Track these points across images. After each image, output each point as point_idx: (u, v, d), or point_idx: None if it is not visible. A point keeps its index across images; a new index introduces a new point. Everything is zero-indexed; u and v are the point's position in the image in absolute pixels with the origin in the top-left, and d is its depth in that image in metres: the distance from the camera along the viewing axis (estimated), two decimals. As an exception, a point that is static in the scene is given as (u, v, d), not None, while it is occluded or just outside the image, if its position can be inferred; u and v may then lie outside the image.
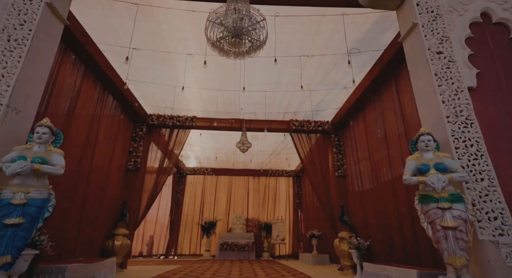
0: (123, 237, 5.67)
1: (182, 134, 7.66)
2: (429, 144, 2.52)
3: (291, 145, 9.09)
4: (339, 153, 7.31)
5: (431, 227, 2.29)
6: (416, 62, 2.87)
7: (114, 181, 6.02)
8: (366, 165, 5.95)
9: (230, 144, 9.32)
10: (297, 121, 7.46)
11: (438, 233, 2.20)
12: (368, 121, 5.89)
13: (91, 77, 5.01)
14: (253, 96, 6.50)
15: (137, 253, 10.95)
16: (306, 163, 7.57)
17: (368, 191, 5.80)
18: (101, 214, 5.45)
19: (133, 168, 6.76)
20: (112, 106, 5.90)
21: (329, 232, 8.26)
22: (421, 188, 2.43)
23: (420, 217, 2.33)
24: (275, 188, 12.65)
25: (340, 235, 5.94)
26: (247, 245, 10.29)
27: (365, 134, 6.02)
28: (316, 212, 9.74)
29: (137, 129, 7.15)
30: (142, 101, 6.74)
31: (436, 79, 2.64)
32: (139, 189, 6.87)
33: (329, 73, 5.56)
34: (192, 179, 12.60)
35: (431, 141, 2.54)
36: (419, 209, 2.35)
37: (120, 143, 6.33)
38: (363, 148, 6.11)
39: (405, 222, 4.43)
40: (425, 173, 2.37)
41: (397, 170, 4.74)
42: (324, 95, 6.42)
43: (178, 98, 6.61)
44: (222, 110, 7.06)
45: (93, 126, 5.11)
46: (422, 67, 2.74)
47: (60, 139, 2.73)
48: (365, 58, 5.04)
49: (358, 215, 6.22)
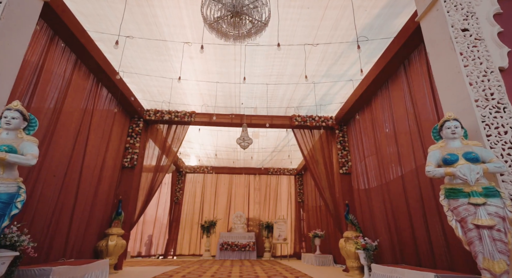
0: (118, 237, 5.39)
1: (181, 130, 7.38)
2: (456, 130, 2.21)
3: (293, 142, 8.81)
4: (344, 149, 7.02)
5: (461, 225, 1.97)
6: (437, 42, 2.56)
7: (108, 178, 5.74)
8: (373, 161, 5.66)
9: (230, 141, 9.04)
10: (299, 117, 7.17)
11: (470, 233, 1.90)
12: (375, 115, 5.59)
13: (83, 68, 4.73)
14: (254, 90, 6.21)
15: (135, 253, 10.69)
16: (309, 160, 7.27)
17: (375, 189, 5.50)
18: (94, 212, 5.17)
19: (129, 165, 6.48)
20: (106, 100, 5.62)
21: (333, 231, 7.97)
22: (448, 180, 2.11)
23: (447, 214, 2.03)
24: (276, 186, 12.36)
25: (346, 234, 5.65)
26: (248, 245, 10.01)
27: (372, 129, 5.73)
28: (319, 211, 9.45)
29: (133, 125, 6.88)
30: (139, 96, 6.47)
31: (462, 59, 2.34)
32: (136, 187, 6.59)
33: (334, 64, 5.26)
34: (191, 177, 12.32)
35: (458, 127, 2.23)
36: (445, 205, 2.04)
37: (115, 139, 6.05)
38: (370, 143, 5.81)
39: (417, 221, 4.14)
40: (452, 163, 2.06)
41: (407, 166, 4.44)
42: (328, 89, 6.13)
43: (176, 92, 6.32)
44: (221, 104, 6.77)
45: (85, 120, 4.83)
46: (445, 47, 2.43)
47: (34, 125, 2.42)
48: (373, 47, 4.75)
49: (364, 214, 5.92)
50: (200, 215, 11.73)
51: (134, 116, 6.90)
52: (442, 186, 2.11)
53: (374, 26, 4.35)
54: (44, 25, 3.71)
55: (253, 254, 9.99)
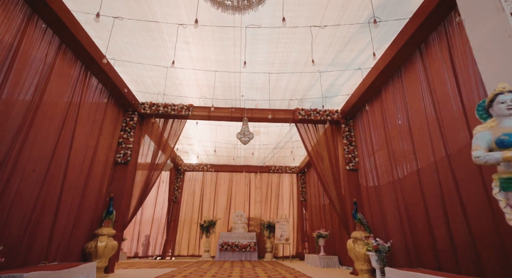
0: (109, 238, 5.00)
1: (178, 125, 6.98)
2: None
3: (296, 138, 8.41)
4: (350, 144, 6.62)
5: (525, 224, 1.57)
6: (478, 5, 2.15)
7: (99, 175, 5.35)
8: (383, 156, 5.26)
9: (230, 137, 8.64)
10: (303, 110, 6.77)
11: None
12: (386, 106, 5.19)
13: (68, 53, 4.34)
14: (255, 80, 5.80)
15: (132, 254, 10.33)
16: (314, 156, 6.87)
17: (386, 186, 5.10)
18: (83, 211, 4.78)
19: (122, 161, 6.09)
20: (96, 91, 5.23)
21: (338, 231, 7.58)
22: (505, 167, 1.67)
23: (504, 211, 1.61)
24: (278, 185, 11.97)
25: (354, 235, 5.25)
26: (248, 245, 9.62)
27: (382, 122, 5.32)
28: (323, 210, 9.05)
29: (127, 118, 6.49)
30: (132, 87, 6.07)
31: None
32: (130, 184, 6.20)
33: (342, 51, 4.86)
34: (190, 176, 11.94)
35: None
36: (501, 199, 1.63)
37: (107, 133, 5.66)
38: (380, 137, 5.41)
39: (436, 220, 3.74)
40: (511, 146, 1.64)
41: (424, 160, 4.04)
42: (335, 79, 5.72)
43: (172, 82, 5.93)
44: (221, 97, 6.37)
45: (72, 111, 4.44)
46: (490, 8, 2.02)
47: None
48: (386, 30, 4.34)
49: (374, 213, 5.52)
50: (199, 214, 11.36)
51: (128, 109, 6.52)
52: (495, 175, 1.69)
53: (388, 5, 3.94)
54: (20, 1, 3.32)
55: (254, 255, 9.61)
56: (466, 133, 3.24)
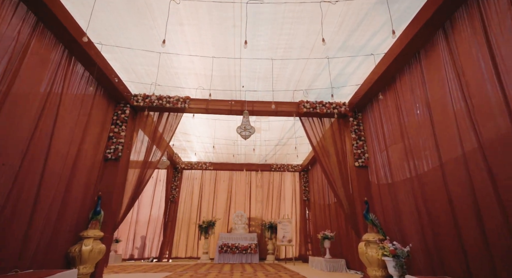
0: (95, 241, 4.53)
1: (174, 119, 6.50)
2: None
3: (300, 133, 7.93)
4: (359, 139, 6.14)
5: None
6: None
7: (86, 171, 4.88)
8: (398, 151, 4.78)
9: (230, 133, 8.17)
10: (308, 103, 6.29)
11: None
12: (402, 96, 4.71)
13: (47, 34, 3.86)
14: (256, 69, 5.32)
15: (127, 256, 9.87)
16: (320, 152, 6.39)
17: (402, 183, 4.62)
18: (66, 211, 4.30)
19: (113, 157, 5.62)
20: (83, 80, 4.75)
21: (345, 233, 7.10)
22: None
23: None
24: (280, 183, 11.49)
25: (366, 237, 4.77)
26: (249, 247, 9.14)
27: (396, 113, 4.84)
28: (328, 210, 8.58)
29: (118, 111, 6.01)
30: (124, 77, 5.59)
31: None
32: (121, 182, 5.72)
33: (354, 32, 4.37)
34: (189, 174, 11.46)
35: None
36: None
37: (95, 126, 5.19)
38: (394, 130, 4.93)
39: (465, 221, 3.26)
40: None
41: (449, 153, 3.56)
42: (344, 66, 5.24)
43: (166, 71, 5.45)
44: (219, 87, 5.89)
45: (52, 101, 3.95)
46: None
47: None
48: (404, 7, 3.85)
49: (387, 213, 5.04)
50: (197, 214, 10.88)
51: (119, 101, 6.04)
52: None
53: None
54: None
55: (255, 257, 9.13)
56: (506, 120, 2.76)
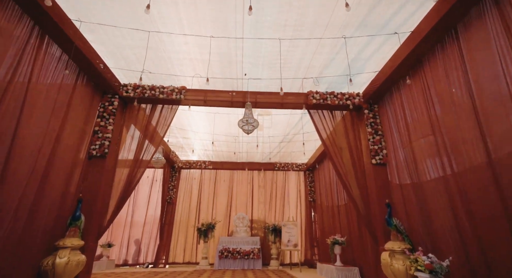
0: (73, 251, 3.86)
1: (168, 112, 5.84)
2: None
3: (307, 128, 7.26)
4: (376, 133, 5.46)
5: None
6: None
7: (64, 171, 4.21)
8: (426, 145, 4.10)
9: (231, 128, 7.50)
10: (318, 94, 5.62)
11: None
12: (432, 81, 4.03)
13: (9, 4, 3.19)
14: (261, 53, 4.65)
15: (121, 262, 9.21)
16: (331, 149, 5.72)
17: (433, 183, 3.95)
18: (36, 219, 3.63)
19: (98, 153, 4.96)
20: (59, 63, 4.09)
21: (358, 238, 6.42)
22: None
23: None
24: (283, 183, 10.81)
25: (390, 246, 4.10)
26: (252, 252, 8.47)
27: (425, 102, 4.16)
28: (337, 212, 7.90)
29: (106, 102, 5.36)
30: (110, 63, 4.93)
31: None
32: (108, 182, 5.06)
33: (377, 5, 3.70)
34: (187, 174, 10.79)
35: None
36: None
37: (77, 119, 4.54)
38: (421, 122, 4.25)
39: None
40: None
41: (502, 146, 2.88)
42: (361, 50, 4.57)
43: (159, 56, 4.79)
44: (219, 75, 5.22)
45: (16, 88, 3.29)
46: None
47: None
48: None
49: (413, 219, 4.36)
50: (196, 216, 10.21)
51: (107, 92, 5.38)
52: None
53: None
54: None
55: (258, 263, 8.45)
56: None
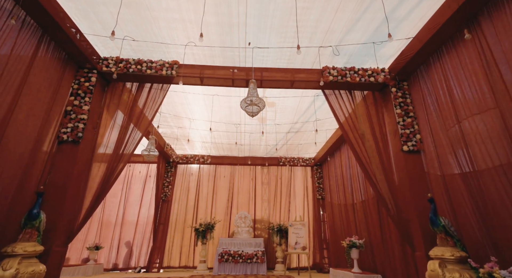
0: (27, 260, 2.95)
1: (157, 91, 4.93)
2: None
3: (320, 114, 6.35)
4: (407, 115, 4.55)
5: None
6: None
7: (20, 157, 3.31)
8: (484, 124, 3.17)
9: (232, 115, 6.58)
10: (335, 70, 4.71)
11: None
12: (493, 40, 3.10)
13: None
14: (269, 13, 3.73)
15: (110, 266, 8.31)
16: (351, 135, 4.81)
17: (493, 173, 3.02)
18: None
19: (70, 138, 4.06)
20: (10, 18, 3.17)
21: (380, 240, 5.50)
22: None
23: None
24: (289, 180, 9.89)
25: (439, 253, 3.17)
26: (255, 255, 7.56)
27: (482, 69, 3.24)
28: (351, 211, 6.99)
29: (81, 78, 4.45)
30: (84, 27, 4.01)
31: None
32: (81, 172, 4.15)
33: None
34: (184, 169, 9.89)
35: None
36: None
37: (40, 95, 3.65)
38: (477, 93, 3.32)
39: None
40: None
41: None
42: (394, 8, 3.64)
43: (142, 18, 3.87)
44: (217, 43, 4.30)
45: None
46: None
47: None
48: None
49: (464, 217, 3.43)
50: (194, 215, 9.30)
51: (83, 66, 4.48)
52: None
53: None
54: None
55: (262, 267, 7.54)
56: None
